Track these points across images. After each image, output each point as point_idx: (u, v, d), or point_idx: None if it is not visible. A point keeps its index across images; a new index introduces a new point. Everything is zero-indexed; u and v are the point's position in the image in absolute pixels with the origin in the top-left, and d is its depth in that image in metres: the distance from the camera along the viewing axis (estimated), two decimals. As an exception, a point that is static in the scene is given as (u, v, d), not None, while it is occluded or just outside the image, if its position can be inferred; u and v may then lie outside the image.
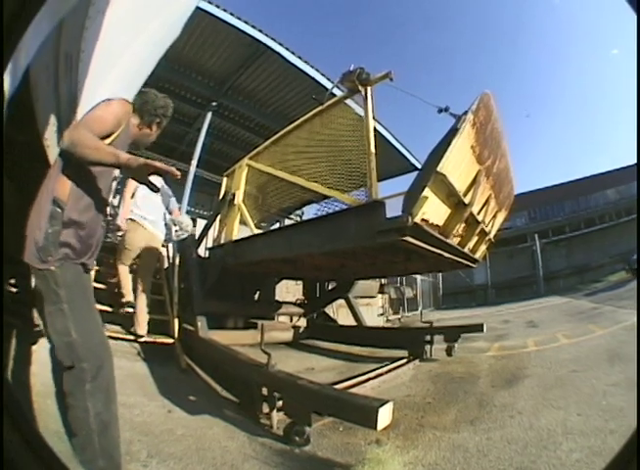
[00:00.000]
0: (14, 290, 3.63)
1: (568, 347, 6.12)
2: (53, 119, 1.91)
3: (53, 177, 1.98)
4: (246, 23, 9.25)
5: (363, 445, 2.83)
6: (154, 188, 2.14)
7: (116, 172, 2.58)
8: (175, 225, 5.53)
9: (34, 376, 2.94)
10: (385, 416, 2.32)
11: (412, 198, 3.31)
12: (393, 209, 3.50)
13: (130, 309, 4.89)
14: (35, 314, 3.74)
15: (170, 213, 5.54)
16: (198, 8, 6.65)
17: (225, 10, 8.92)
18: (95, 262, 2.31)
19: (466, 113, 3.56)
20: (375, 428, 2.28)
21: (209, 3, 8.56)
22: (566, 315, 10.13)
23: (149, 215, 5.13)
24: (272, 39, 9.75)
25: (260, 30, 9.51)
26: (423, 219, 3.27)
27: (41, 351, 3.31)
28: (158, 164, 1.95)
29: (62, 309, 1.85)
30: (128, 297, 4.89)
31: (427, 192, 3.21)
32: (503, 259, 21.87)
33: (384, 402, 2.37)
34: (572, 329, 7.56)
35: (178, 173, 1.97)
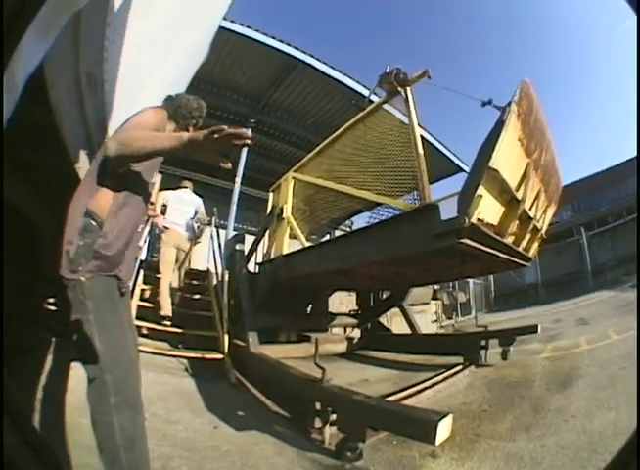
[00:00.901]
0: (53, 308, 3.68)
1: (617, 343, 5.96)
2: (82, 142, 1.89)
3: (86, 190, 1.95)
4: (272, 37, 9.30)
5: (417, 458, 2.71)
6: (227, 157, 2.02)
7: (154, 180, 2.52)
8: (196, 223, 6.27)
9: (72, 391, 2.94)
10: (444, 430, 2.19)
11: (467, 197, 3.15)
12: (445, 212, 3.36)
13: (168, 323, 5.23)
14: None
15: (195, 214, 6.36)
16: (223, 28, 6.70)
17: (250, 27, 9.00)
18: (134, 277, 2.27)
19: (509, 104, 3.38)
20: (433, 443, 2.17)
21: (232, 22, 8.64)
22: (614, 309, 9.79)
23: (176, 221, 6.03)
24: (302, 51, 9.74)
25: (289, 44, 9.53)
26: (479, 219, 3.14)
27: (80, 367, 3.40)
28: (225, 128, 1.70)
29: (88, 320, 1.82)
30: (166, 311, 5.27)
31: (481, 190, 3.07)
32: (551, 256, 20.99)
33: (443, 416, 2.24)
34: (621, 324, 7.26)
35: (248, 134, 1.74)
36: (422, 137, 4.11)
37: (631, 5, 1.08)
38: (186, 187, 6.55)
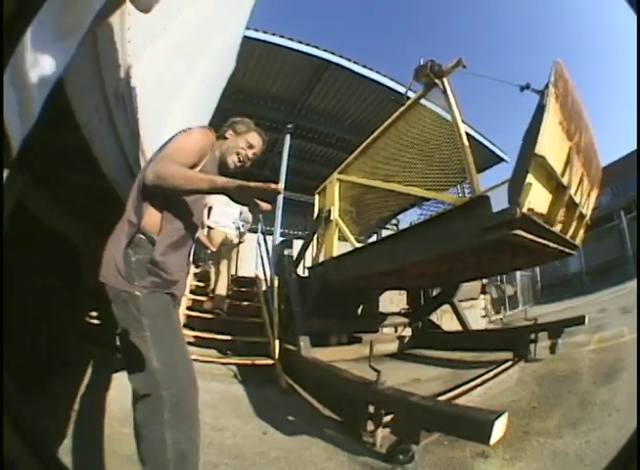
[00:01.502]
0: (96, 322, 3.79)
1: None
2: (116, 158, 1.92)
3: (132, 205, 1.94)
4: (299, 42, 9.34)
5: (469, 458, 2.66)
6: (254, 208, 1.97)
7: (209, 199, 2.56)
8: (241, 222, 6.80)
9: (112, 402, 3.01)
10: (499, 429, 2.14)
11: (516, 186, 3.06)
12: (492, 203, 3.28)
13: (220, 312, 5.84)
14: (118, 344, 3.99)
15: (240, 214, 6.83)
16: (248, 37, 6.77)
17: (274, 34, 9.04)
18: (185, 291, 2.27)
19: (547, 86, 3.26)
20: (488, 443, 2.12)
21: (256, 30, 8.71)
22: None
23: (220, 221, 6.53)
24: (331, 53, 9.77)
25: (316, 46, 9.55)
26: (529, 209, 3.04)
27: (122, 378, 3.48)
28: (252, 184, 1.78)
29: (144, 338, 1.79)
30: (221, 290, 6.06)
31: (530, 178, 2.99)
32: (593, 243, 20.11)
33: (499, 415, 2.18)
34: None
35: (276, 187, 1.78)
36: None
37: (631, 5, 1.07)
38: None
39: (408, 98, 4.99)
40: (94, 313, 3.81)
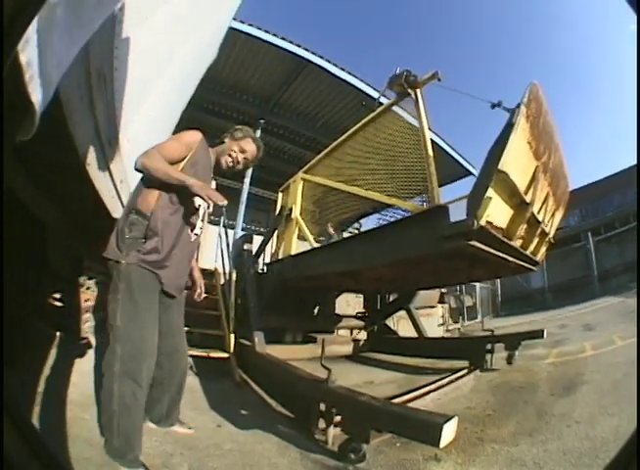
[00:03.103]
0: (59, 304, 3.73)
1: (622, 349, 6.01)
2: (92, 138, 1.90)
3: (136, 189, 2.36)
4: (282, 38, 9.34)
5: (421, 461, 2.69)
6: (216, 210, 2.49)
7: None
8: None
9: (74, 386, 3.01)
10: (449, 432, 2.17)
11: (476, 199, 3.13)
12: (453, 214, 3.37)
13: None
14: (83, 328, 3.92)
15: None
16: (231, 28, 6.73)
17: (259, 28, 9.03)
18: (177, 286, 2.53)
19: (519, 106, 3.36)
20: (438, 445, 2.13)
21: (242, 22, 8.68)
22: (620, 316, 9.80)
23: None
24: (311, 53, 9.81)
25: (298, 45, 9.58)
26: (488, 222, 3.11)
27: (85, 362, 3.43)
28: (204, 193, 2.26)
29: (116, 300, 2.11)
30: None
31: (490, 192, 3.06)
32: (558, 261, 20.84)
33: (448, 418, 2.21)
34: (627, 330, 7.28)
35: (222, 203, 2.29)
36: (431, 140, 4.11)
37: (631, 5, 1.08)
38: None
39: (380, 104, 5.05)
40: (57, 296, 3.71)
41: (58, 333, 3.48)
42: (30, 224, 2.87)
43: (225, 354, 4.79)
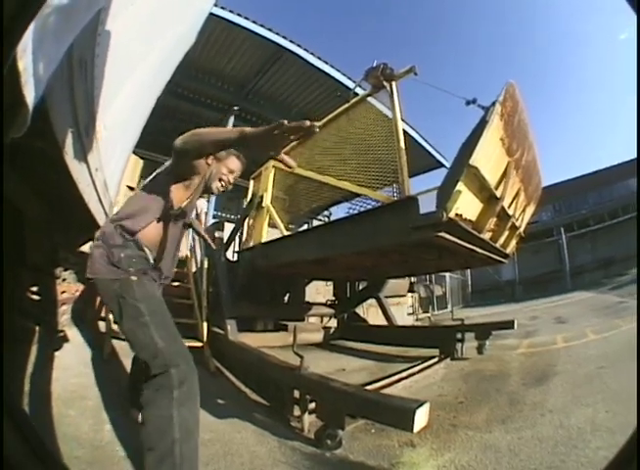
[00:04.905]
0: (36, 297, 3.66)
1: (595, 342, 6.12)
2: (70, 126, 1.88)
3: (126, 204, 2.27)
4: (261, 26, 9.28)
5: (397, 447, 2.75)
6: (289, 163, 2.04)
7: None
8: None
9: (56, 381, 2.97)
10: (421, 418, 2.24)
11: (445, 192, 3.22)
12: (424, 205, 3.40)
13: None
14: (60, 321, 3.83)
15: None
16: (211, 14, 6.65)
17: (240, 14, 8.95)
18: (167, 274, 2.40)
19: (494, 104, 3.45)
20: (411, 430, 2.20)
21: (222, 9, 8.59)
22: (593, 310, 10.04)
23: None
24: (290, 41, 9.79)
25: (277, 33, 9.55)
26: (457, 214, 3.19)
27: (64, 357, 3.37)
28: (286, 123, 1.64)
29: (144, 323, 1.90)
30: None
31: (460, 186, 3.14)
32: (530, 255, 21.30)
33: (420, 404, 2.28)
34: (599, 324, 7.53)
35: (311, 124, 1.64)
36: (404, 131, 4.15)
37: (631, 5, 1.07)
38: None
39: (356, 94, 5.10)
40: (34, 289, 3.65)
41: (37, 327, 3.44)
42: (10, 215, 2.81)
43: (199, 343, 4.78)
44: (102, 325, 4.58)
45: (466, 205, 3.34)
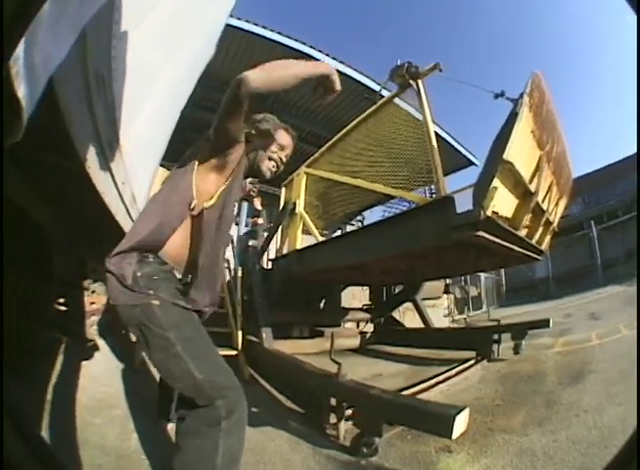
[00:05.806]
0: (63, 308, 3.71)
1: (628, 338, 5.92)
2: (93, 141, 1.88)
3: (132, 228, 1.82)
4: (279, 33, 9.29)
5: (433, 453, 2.70)
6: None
7: None
8: None
9: (82, 390, 2.96)
10: (460, 424, 2.17)
11: (482, 190, 3.14)
12: (458, 205, 3.34)
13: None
14: (90, 331, 3.87)
15: None
16: (228, 25, 6.71)
17: (256, 24, 8.99)
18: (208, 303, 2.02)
19: (521, 96, 3.35)
20: (450, 437, 2.14)
21: (239, 19, 8.64)
22: (625, 305, 9.64)
23: None
24: (310, 47, 9.81)
25: (296, 39, 9.52)
26: (494, 212, 3.13)
27: (93, 366, 3.39)
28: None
29: (176, 354, 1.59)
30: None
31: (495, 182, 3.07)
32: (561, 250, 20.68)
33: (460, 410, 2.21)
34: (631, 318, 7.22)
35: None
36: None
37: (631, 5, 1.05)
38: None
39: (382, 96, 5.04)
40: (61, 300, 3.72)
41: (64, 338, 3.49)
42: (33, 231, 2.85)
43: (233, 352, 4.77)
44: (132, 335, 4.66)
45: (502, 201, 3.27)
